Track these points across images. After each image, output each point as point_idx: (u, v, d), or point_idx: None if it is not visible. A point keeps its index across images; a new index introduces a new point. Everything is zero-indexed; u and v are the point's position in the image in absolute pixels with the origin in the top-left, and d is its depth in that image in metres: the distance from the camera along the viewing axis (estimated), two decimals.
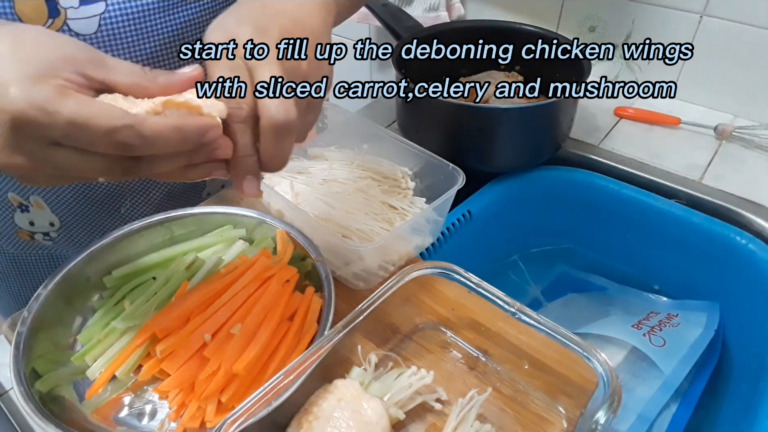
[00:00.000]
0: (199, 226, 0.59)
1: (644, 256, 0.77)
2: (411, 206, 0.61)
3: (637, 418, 0.61)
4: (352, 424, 0.42)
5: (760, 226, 0.69)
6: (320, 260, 0.52)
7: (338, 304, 0.49)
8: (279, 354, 0.47)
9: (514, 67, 0.87)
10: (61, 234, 0.66)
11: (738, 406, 0.64)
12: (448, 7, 1.04)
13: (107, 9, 0.52)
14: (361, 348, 0.50)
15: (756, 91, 0.83)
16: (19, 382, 0.43)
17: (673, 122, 0.83)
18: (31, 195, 0.61)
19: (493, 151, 0.73)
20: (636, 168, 0.77)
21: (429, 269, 0.51)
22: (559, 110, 0.72)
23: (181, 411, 0.45)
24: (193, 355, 0.46)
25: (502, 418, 0.46)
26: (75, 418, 0.44)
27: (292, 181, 0.63)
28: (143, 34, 0.55)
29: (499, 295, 0.49)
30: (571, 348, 0.45)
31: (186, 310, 0.48)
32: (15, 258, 0.69)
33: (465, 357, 0.51)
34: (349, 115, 0.71)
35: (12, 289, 0.73)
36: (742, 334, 0.70)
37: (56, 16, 0.51)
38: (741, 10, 0.79)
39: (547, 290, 0.81)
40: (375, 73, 1.31)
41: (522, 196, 0.78)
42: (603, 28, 0.92)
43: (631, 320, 0.70)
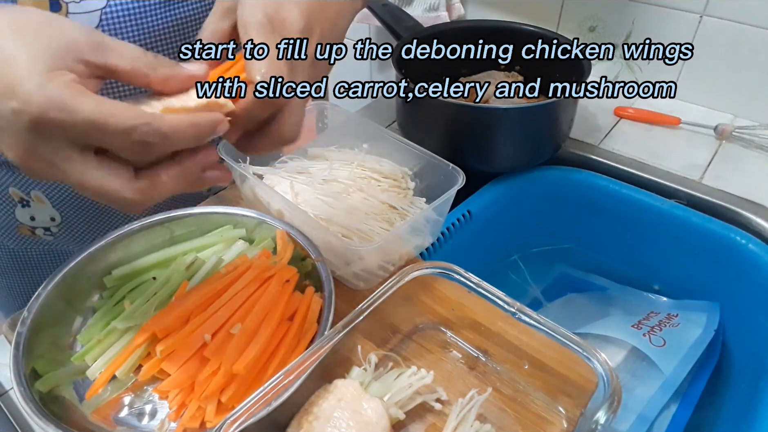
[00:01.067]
0: (199, 226, 0.59)
1: (644, 256, 0.77)
2: (411, 206, 0.61)
3: (637, 418, 0.61)
4: (352, 424, 0.42)
5: (760, 226, 0.69)
6: (320, 260, 0.52)
7: (338, 304, 0.49)
8: (279, 354, 0.47)
9: (514, 67, 0.87)
10: (62, 229, 0.66)
11: (738, 406, 0.64)
12: (448, 7, 1.04)
13: (108, 3, 0.53)
14: (361, 348, 0.50)
15: (756, 91, 0.83)
16: (19, 382, 0.43)
17: (673, 122, 0.83)
18: (32, 190, 0.61)
19: (493, 151, 0.73)
20: (636, 168, 0.77)
21: (429, 269, 0.51)
22: (559, 110, 0.72)
23: (181, 411, 0.45)
24: (193, 355, 0.46)
25: (502, 418, 0.46)
26: (75, 418, 0.44)
27: (292, 181, 0.62)
28: (144, 29, 0.55)
29: (499, 295, 0.49)
30: (571, 348, 0.45)
31: (186, 310, 0.48)
32: (16, 253, 0.69)
33: (465, 357, 0.51)
34: (349, 115, 0.71)
35: (13, 285, 0.73)
36: (742, 334, 0.70)
37: (57, 10, 0.51)
38: (741, 10, 0.79)
39: (547, 290, 0.81)
40: (375, 73, 1.31)
41: (522, 196, 0.78)
42: (603, 28, 0.92)
43: (631, 320, 0.70)
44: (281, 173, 0.65)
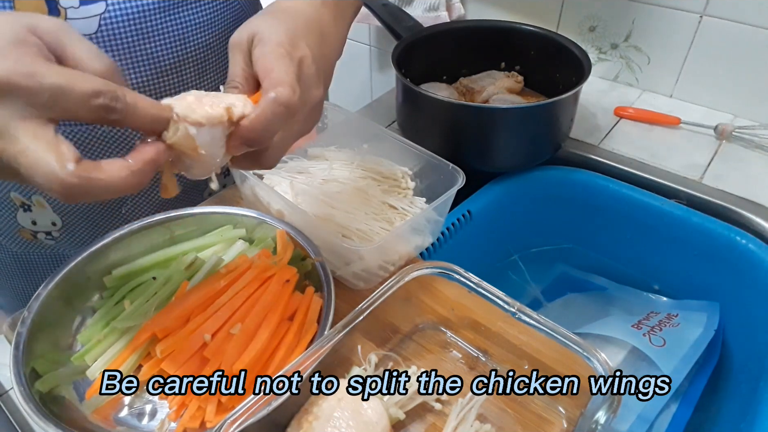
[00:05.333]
0: (199, 226, 0.59)
1: (644, 256, 0.77)
2: (411, 206, 0.61)
3: (637, 418, 0.61)
4: (352, 424, 0.42)
5: (760, 226, 0.69)
6: (320, 260, 0.52)
7: (338, 304, 0.49)
8: (279, 354, 0.47)
9: (514, 67, 0.87)
10: (63, 233, 0.66)
11: (738, 406, 0.64)
12: (448, 7, 1.04)
13: (107, 9, 0.52)
14: (361, 348, 0.50)
15: (756, 91, 0.83)
16: (19, 382, 0.43)
17: (673, 122, 0.83)
18: (33, 195, 0.61)
19: (493, 151, 0.73)
20: (636, 168, 0.77)
21: (429, 269, 0.51)
22: (559, 110, 0.72)
23: (181, 411, 0.45)
24: (193, 355, 0.46)
25: (502, 418, 0.46)
26: (75, 418, 0.44)
27: (292, 181, 0.63)
28: (143, 35, 0.56)
29: (499, 295, 0.49)
30: (571, 348, 0.46)
31: (186, 310, 0.48)
32: (18, 256, 0.69)
33: (465, 357, 0.51)
34: (349, 115, 0.71)
35: (16, 286, 0.73)
36: (742, 334, 0.70)
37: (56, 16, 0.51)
38: (741, 10, 0.79)
39: (547, 290, 0.81)
40: (375, 73, 1.31)
41: (522, 196, 0.78)
42: (603, 28, 0.92)
43: (631, 320, 0.70)
44: (281, 173, 0.65)
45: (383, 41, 1.24)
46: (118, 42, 0.54)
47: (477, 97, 0.82)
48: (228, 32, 0.63)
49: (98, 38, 0.53)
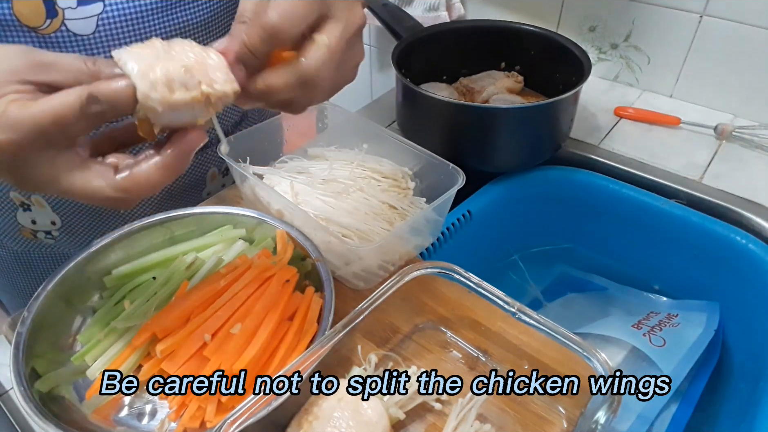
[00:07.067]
0: (199, 226, 0.59)
1: (644, 256, 0.77)
2: (411, 206, 0.61)
3: (637, 418, 0.61)
4: (352, 424, 0.42)
5: (760, 226, 0.69)
6: (320, 260, 0.52)
7: (338, 304, 0.49)
8: (279, 354, 0.47)
9: (514, 67, 0.87)
10: (63, 233, 0.66)
11: (738, 406, 0.64)
12: (448, 7, 1.04)
13: (105, 9, 0.52)
14: (361, 348, 0.50)
15: (756, 91, 0.83)
16: (19, 382, 0.43)
17: (673, 122, 0.83)
18: (32, 194, 0.61)
19: (493, 151, 0.73)
20: (636, 168, 0.77)
21: (429, 269, 0.51)
22: (559, 110, 0.72)
23: (181, 411, 0.45)
24: (193, 355, 0.46)
25: (502, 418, 0.46)
26: (75, 418, 0.44)
27: (292, 181, 0.62)
28: (141, 35, 0.55)
29: (499, 295, 0.49)
30: (571, 348, 0.45)
31: (186, 310, 0.48)
32: (19, 255, 0.69)
33: (465, 357, 0.51)
34: (349, 115, 0.71)
35: (17, 284, 0.73)
36: (742, 334, 0.70)
37: (54, 17, 0.51)
38: (741, 10, 0.79)
39: (547, 290, 0.81)
40: (375, 73, 1.31)
41: (522, 196, 0.78)
42: (603, 28, 0.92)
43: (631, 320, 0.70)
44: (281, 173, 0.65)
45: (383, 41, 1.24)
46: (115, 42, 0.54)
47: (477, 97, 0.82)
48: (226, 32, 0.63)
49: (96, 39, 0.53)
